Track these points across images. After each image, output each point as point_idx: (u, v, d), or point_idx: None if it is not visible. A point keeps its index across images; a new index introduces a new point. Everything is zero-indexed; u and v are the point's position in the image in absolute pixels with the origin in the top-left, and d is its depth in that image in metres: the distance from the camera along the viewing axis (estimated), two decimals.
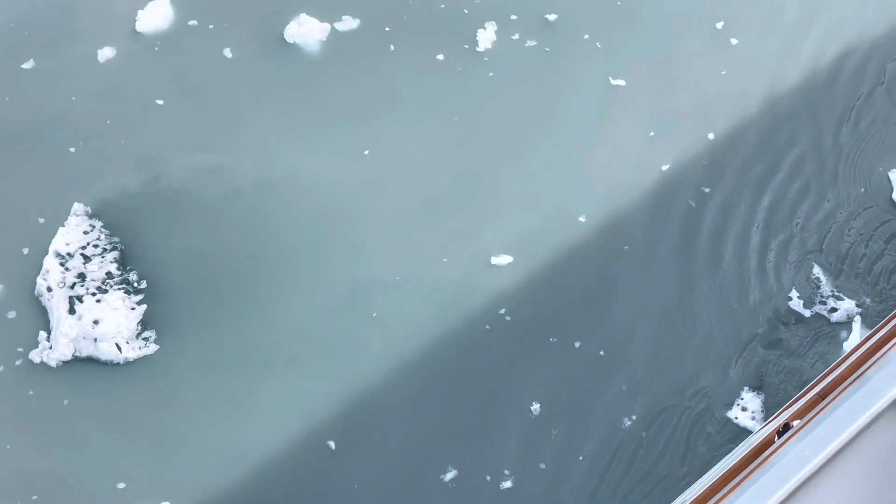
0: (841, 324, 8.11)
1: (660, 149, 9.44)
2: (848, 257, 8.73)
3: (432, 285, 8.79)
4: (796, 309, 8.29)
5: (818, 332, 8.12)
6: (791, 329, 8.18)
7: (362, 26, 10.84)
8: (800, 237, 8.82)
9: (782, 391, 7.88)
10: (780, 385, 7.94)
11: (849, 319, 8.11)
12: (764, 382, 8.03)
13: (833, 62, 10.33)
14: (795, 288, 8.46)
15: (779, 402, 7.80)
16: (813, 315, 8.25)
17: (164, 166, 9.75)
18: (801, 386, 7.72)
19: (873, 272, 8.57)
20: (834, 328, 8.12)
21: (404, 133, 9.70)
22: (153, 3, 11.23)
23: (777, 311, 8.31)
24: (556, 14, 10.66)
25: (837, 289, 8.44)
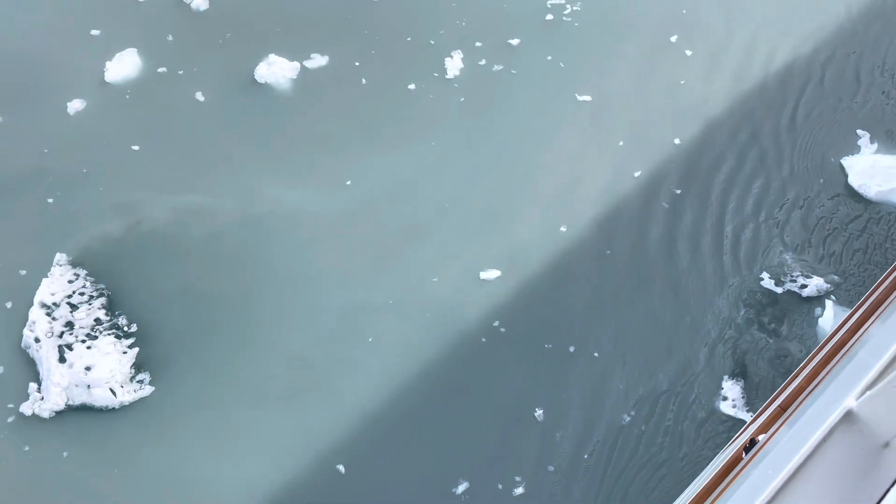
0: (813, 298, 8.62)
1: (630, 157, 9.98)
2: (811, 240, 9.32)
3: (425, 305, 9.02)
4: (768, 287, 8.78)
5: (792, 308, 8.61)
6: (766, 309, 8.66)
7: (332, 63, 11.24)
8: (766, 225, 9.39)
9: (762, 372, 8.29)
10: (759, 364, 8.36)
11: (819, 294, 8.63)
12: (745, 367, 8.43)
13: (776, 64, 11.15)
14: (766, 271, 8.97)
15: (758, 382, 8.21)
16: (785, 292, 8.78)
17: (146, 210, 9.85)
18: (777, 363, 8.17)
19: (835, 252, 9.17)
20: (807, 304, 8.62)
21: (384, 161, 10.04)
22: (120, 53, 11.47)
23: (752, 293, 8.80)
24: (518, 39, 11.27)
25: (805, 268, 8.98)
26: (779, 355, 8.37)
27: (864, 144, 10.27)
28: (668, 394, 8.25)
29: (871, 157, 10.08)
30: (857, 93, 10.84)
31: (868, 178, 9.79)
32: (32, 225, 9.69)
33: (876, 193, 9.66)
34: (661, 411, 8.14)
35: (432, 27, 11.49)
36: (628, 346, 8.58)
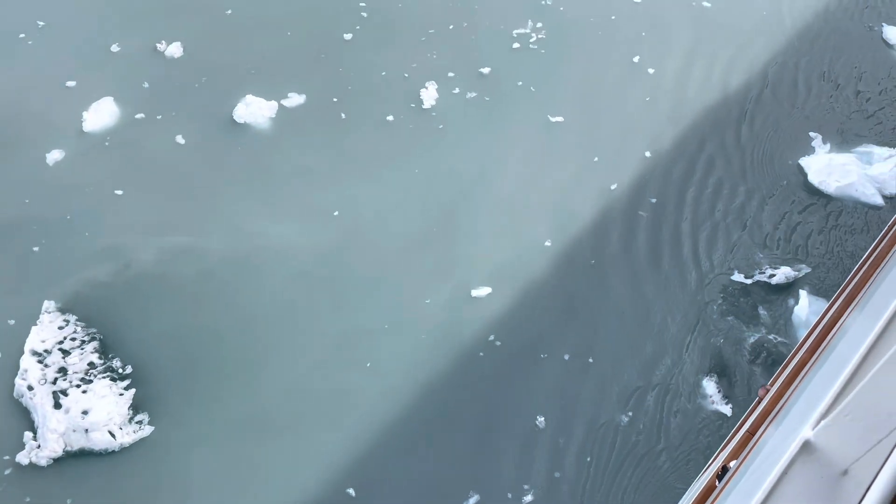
0: (783, 287, 9.15)
1: (606, 171, 10.49)
2: (778, 236, 9.89)
3: (420, 326, 9.24)
4: (739, 280, 9.33)
5: (763, 297, 9.11)
6: (739, 300, 9.15)
7: (309, 100, 11.62)
8: (735, 226, 9.93)
9: (742, 363, 8.70)
10: (738, 356, 8.76)
11: (787, 281, 9.22)
12: (724, 358, 8.83)
13: (730, 78, 11.93)
14: (737, 268, 9.50)
15: (737, 373, 8.59)
16: (754, 283, 9.34)
17: (133, 253, 9.95)
18: (750, 351, 8.58)
19: (801, 244, 9.78)
20: (777, 292, 9.14)
21: (369, 190, 10.36)
22: (97, 103, 11.66)
23: (725, 288, 9.32)
24: (488, 67, 11.83)
25: (773, 261, 9.56)
26: (758, 343, 8.81)
27: (818, 145, 10.98)
28: (659, 391, 8.57)
29: (826, 156, 10.78)
30: (807, 99, 11.62)
31: (826, 176, 10.45)
32: (18, 274, 9.69)
33: (835, 189, 10.31)
34: (656, 409, 8.44)
35: (405, 61, 11.99)
36: (620, 349, 8.91)
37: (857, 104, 11.67)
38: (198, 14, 12.92)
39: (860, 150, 10.91)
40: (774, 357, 8.68)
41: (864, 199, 10.28)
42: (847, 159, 10.67)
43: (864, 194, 10.30)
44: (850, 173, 10.42)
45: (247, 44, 12.45)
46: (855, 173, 10.43)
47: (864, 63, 12.29)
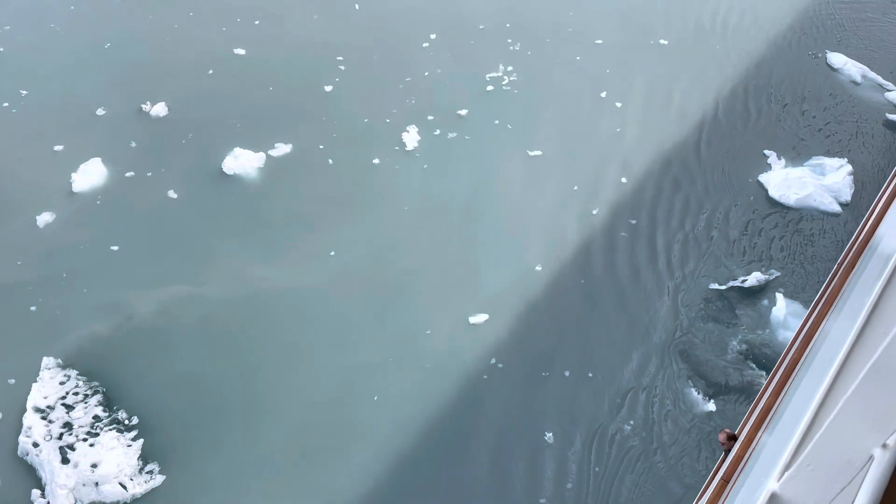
0: (756, 290, 9.84)
1: (586, 198, 11.07)
2: (747, 245, 10.53)
3: (423, 357, 9.50)
4: (714, 288, 10.01)
5: (738, 301, 9.82)
6: (715, 304, 9.81)
7: (296, 149, 12.06)
8: (707, 240, 10.55)
9: (726, 364, 9.16)
10: (722, 357, 9.23)
11: (759, 283, 9.89)
12: (707, 360, 9.27)
13: (688, 108, 12.77)
14: (713, 277, 10.09)
15: (724, 374, 9.02)
16: (728, 289, 10.00)
17: (133, 306, 10.06)
18: (731, 350, 9.06)
19: (770, 250, 10.50)
20: (752, 296, 9.85)
21: (362, 231, 10.73)
22: (85, 164, 11.91)
23: (703, 294, 9.85)
24: (465, 109, 12.47)
25: (745, 268, 10.27)
26: (738, 342, 9.34)
27: (774, 162, 11.79)
28: (650, 398, 8.92)
29: (782, 171, 11.58)
30: (758, 120, 12.52)
31: (785, 189, 11.21)
32: (16, 334, 9.71)
33: (795, 201, 11.06)
34: (649, 414, 8.78)
35: (385, 107, 12.57)
36: (617, 362, 9.28)
37: (804, 121, 12.60)
38: (180, 75, 13.39)
39: (813, 163, 11.74)
40: (755, 355, 9.18)
41: (823, 208, 11.03)
42: (802, 172, 11.46)
43: (822, 203, 11.05)
44: (807, 185, 11.19)
45: (230, 100, 12.92)
46: (811, 185, 11.20)
47: (808, 85, 13.31)
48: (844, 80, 13.42)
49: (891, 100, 12.96)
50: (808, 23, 14.60)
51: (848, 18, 14.84)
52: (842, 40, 14.26)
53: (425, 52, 13.70)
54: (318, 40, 14.05)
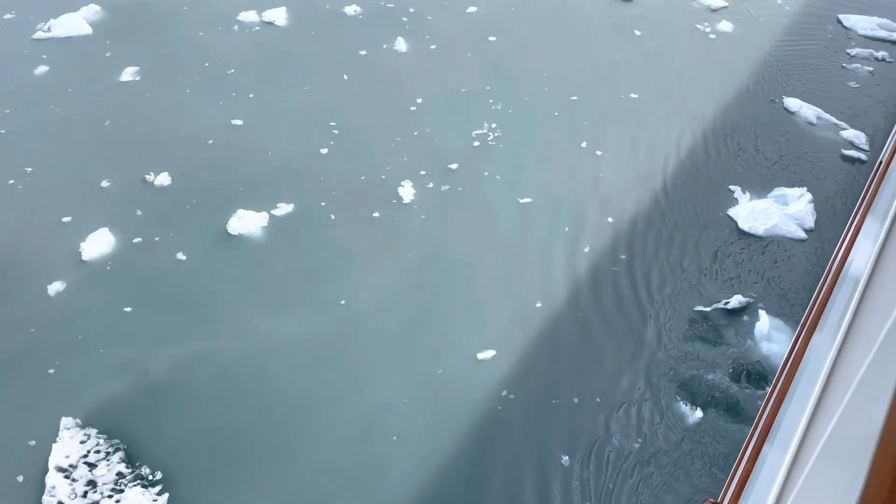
0: (738, 310, 10.77)
1: (577, 238, 11.83)
2: (727, 273, 11.30)
3: (437, 395, 9.91)
4: (699, 310, 10.84)
5: (723, 322, 10.67)
6: (702, 324, 10.65)
7: (298, 208, 12.69)
8: (689, 271, 11.32)
9: (720, 377, 9.77)
10: (713, 371, 9.83)
11: (741, 305, 10.77)
12: (700, 378, 9.87)
13: (653, 150, 13.78)
14: (698, 301, 10.85)
15: (717, 387, 9.59)
16: (713, 310, 10.81)
17: (149, 364, 10.35)
18: (719, 365, 9.68)
19: (749, 275, 11.34)
20: (734, 315, 10.78)
21: (368, 279, 11.29)
22: (93, 234, 12.35)
23: (690, 318, 10.59)
24: (456, 163, 13.32)
25: (726, 291, 11.14)
26: (724, 357, 10.04)
27: (739, 196, 12.79)
28: (661, 417, 9.41)
29: (748, 204, 12.57)
30: (717, 160, 13.60)
31: (753, 221, 12.16)
32: (34, 396, 9.90)
33: (764, 230, 12.02)
34: (663, 434, 9.25)
35: (380, 165, 13.36)
36: (621, 387, 9.79)
37: (765, 158, 13.74)
38: (181, 147, 14.08)
39: (775, 194, 12.77)
40: (740, 367, 9.92)
41: (790, 235, 11.98)
42: (767, 204, 12.46)
43: (788, 231, 12.02)
44: (773, 216, 12.15)
45: (231, 167, 13.59)
46: (776, 215, 12.17)
47: (767, 127, 14.53)
48: (801, 122, 14.66)
49: (845, 137, 14.17)
50: (764, 73, 16.00)
51: (798, 67, 16.32)
52: (796, 87, 15.63)
53: (413, 115, 14.64)
54: (310, 109, 14.94)
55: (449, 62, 16.23)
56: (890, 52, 17.02)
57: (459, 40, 16.94)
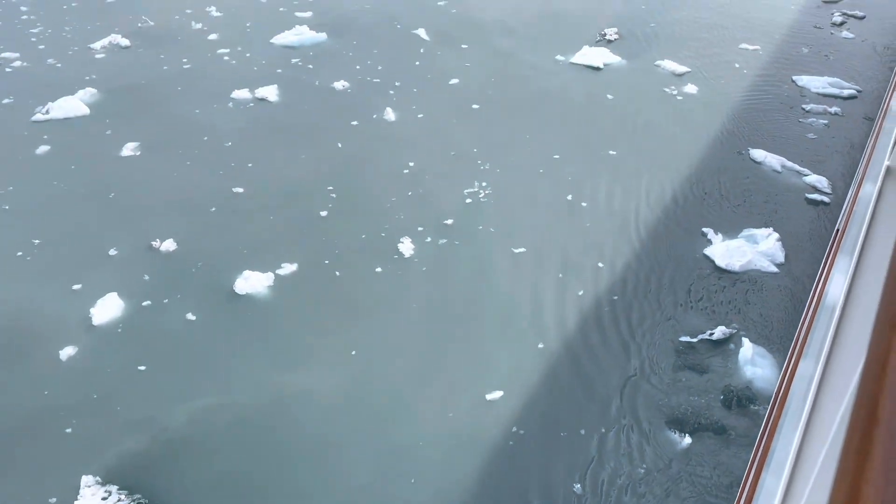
0: (722, 340, 11.65)
1: (571, 283, 12.63)
2: (711, 308, 12.14)
3: (451, 437, 10.38)
4: (686, 341, 11.68)
5: (708, 352, 11.51)
6: (690, 355, 11.44)
7: (302, 267, 13.34)
8: (676, 309, 12.13)
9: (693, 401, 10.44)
10: (707, 399, 10.49)
11: (724, 336, 11.64)
12: (695, 405, 10.51)
13: (624, 200, 14.83)
14: (685, 333, 11.70)
15: (712, 417, 10.24)
16: (699, 341, 11.68)
17: (165, 419, 10.69)
18: (708, 395, 10.34)
19: (732, 308, 12.21)
20: (719, 345, 11.64)
21: (376, 330, 11.89)
22: (102, 299, 12.82)
23: (677, 349, 11.34)
24: (451, 219, 14.19)
25: (711, 324, 11.99)
26: (712, 385, 10.69)
27: (712, 237, 13.82)
28: (660, 442, 9.98)
29: (722, 244, 13.61)
30: (685, 206, 14.68)
31: (729, 258, 13.15)
32: (54, 456, 10.13)
33: (739, 266, 13.02)
34: (664, 461, 9.80)
35: (378, 224, 14.16)
36: (621, 418, 10.37)
37: (735, 203, 14.88)
38: (185, 214, 14.77)
39: (745, 234, 13.86)
40: (727, 393, 10.61)
41: (764, 269, 12.98)
42: (739, 243, 13.51)
43: (762, 266, 13.03)
44: (746, 253, 13.18)
45: (235, 231, 14.28)
46: (749, 252, 13.20)
47: (736, 175, 15.76)
48: (767, 170, 15.93)
49: (808, 182, 15.42)
50: (730, 128, 17.42)
51: (760, 122, 17.81)
52: (759, 139, 17.03)
53: (406, 177, 15.60)
54: (308, 175, 15.83)
55: (437, 129, 17.37)
56: (842, 107, 18.63)
57: (445, 109, 18.18)
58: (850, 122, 17.94)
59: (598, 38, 21.75)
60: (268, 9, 24.67)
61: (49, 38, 22.83)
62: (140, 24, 23.63)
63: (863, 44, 21.97)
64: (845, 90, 19.13)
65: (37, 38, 22.80)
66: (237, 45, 22.00)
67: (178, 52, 21.63)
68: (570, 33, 22.31)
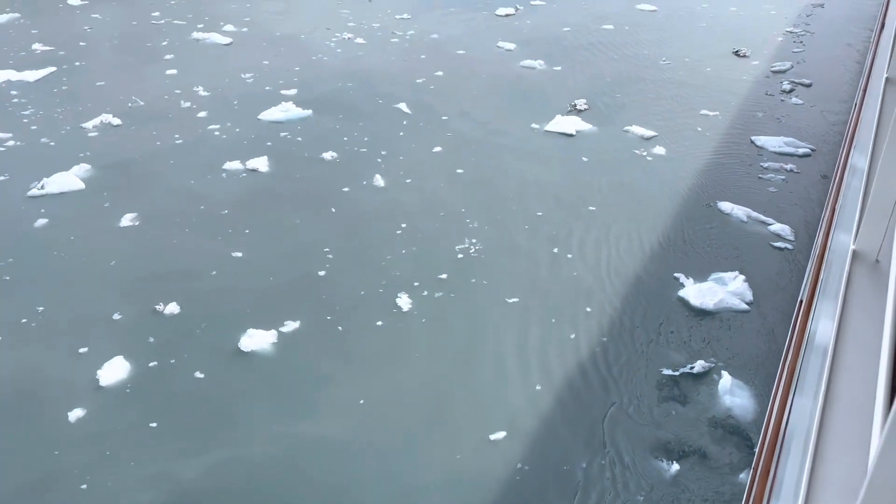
0: (703, 373, 12.57)
1: (564, 327, 13.47)
2: (690, 345, 13.01)
3: (461, 478, 10.88)
4: (669, 374, 12.60)
5: (689, 382, 12.41)
6: (675, 388, 12.31)
7: (305, 324, 13.96)
8: (656, 348, 12.99)
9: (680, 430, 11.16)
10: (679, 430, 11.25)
11: (704, 369, 12.57)
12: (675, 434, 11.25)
13: (605, 250, 15.91)
14: (667, 367, 12.59)
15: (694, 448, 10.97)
16: (680, 374, 12.57)
17: (179, 473, 11.02)
18: (692, 424, 11.10)
19: (708, 344, 13.15)
20: (700, 378, 12.53)
21: (382, 380, 12.51)
22: (108, 363, 13.19)
23: (659, 382, 12.19)
24: (445, 274, 15.04)
25: (691, 359, 12.88)
26: (698, 416, 11.50)
27: (684, 280, 14.86)
28: (655, 464, 10.62)
29: (695, 286, 14.66)
30: (659, 253, 15.78)
31: (703, 298, 14.21)
32: None
33: (713, 305, 14.06)
34: (662, 478, 10.42)
35: (376, 281, 14.93)
36: (620, 452, 11.02)
37: (704, 250, 16.06)
38: (186, 279, 15.37)
39: (714, 277, 15.00)
40: (707, 421, 11.45)
41: (735, 308, 14.07)
42: (710, 285, 14.64)
43: (733, 305, 14.12)
44: (717, 293, 14.26)
45: (236, 293, 14.90)
46: (720, 293, 14.29)
47: (705, 225, 17.01)
48: (734, 221, 17.23)
49: (773, 231, 16.72)
50: (698, 183, 18.84)
51: (725, 178, 19.31)
52: (725, 193, 18.46)
53: (399, 237, 16.50)
54: (304, 238, 16.64)
55: (425, 192, 18.45)
56: (797, 165, 20.27)
57: (431, 174, 19.34)
58: (805, 178, 19.50)
59: (569, 108, 23.41)
60: (253, 88, 25.99)
61: (41, 118, 23.68)
62: (130, 104, 24.68)
63: (811, 108, 23.99)
64: (800, 149, 20.85)
65: (28, 119, 23.64)
66: (226, 121, 23.10)
67: (170, 129, 22.63)
68: (542, 105, 23.97)
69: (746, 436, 11.29)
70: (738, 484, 10.63)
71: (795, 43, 30.77)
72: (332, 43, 31.04)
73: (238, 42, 31.31)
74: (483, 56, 29.12)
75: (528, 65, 27.85)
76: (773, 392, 10.53)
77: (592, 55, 29.32)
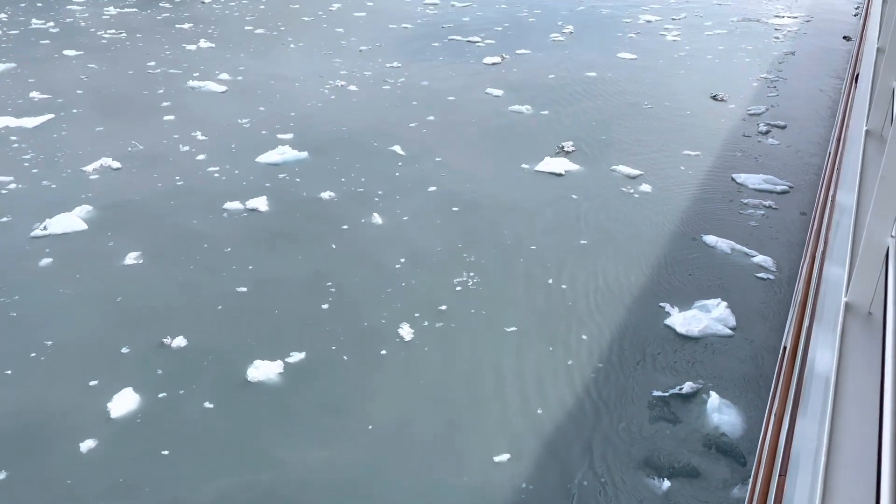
0: (692, 394, 13.13)
1: (561, 354, 14.06)
2: (678, 369, 13.64)
3: (470, 496, 11.28)
4: (658, 395, 13.17)
5: (679, 403, 12.96)
6: (666, 408, 12.89)
7: (310, 355, 14.43)
8: (647, 373, 13.60)
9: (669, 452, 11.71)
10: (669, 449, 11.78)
11: (693, 390, 13.16)
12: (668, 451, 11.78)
13: (598, 281, 16.62)
14: (657, 388, 13.20)
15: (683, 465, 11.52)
16: (670, 396, 13.16)
17: (193, 499, 11.32)
18: (682, 442, 11.68)
19: (695, 367, 13.76)
20: (689, 399, 13.08)
21: (389, 406, 12.96)
22: (118, 395, 13.54)
23: (650, 403, 12.81)
24: (444, 305, 15.64)
25: (680, 381, 13.50)
26: (688, 434, 12.11)
27: (669, 309, 15.57)
28: (647, 481, 11.12)
29: (680, 314, 15.37)
30: (640, 283, 16.50)
31: (688, 326, 14.91)
32: None
33: (699, 331, 14.76)
34: (653, 493, 10.91)
35: (378, 313, 15.48)
36: (611, 470, 11.52)
37: (687, 280, 16.81)
38: (193, 314, 15.82)
39: (697, 305, 15.70)
40: (696, 439, 12.06)
41: (720, 333, 14.76)
42: (694, 312, 15.34)
43: (718, 330, 14.81)
44: (701, 320, 14.97)
45: (242, 326, 15.36)
46: (704, 319, 15.00)
47: (689, 256, 17.82)
48: (719, 253, 18.07)
49: (755, 262, 17.56)
50: (683, 218, 19.74)
51: (708, 213, 20.23)
52: (709, 227, 19.34)
53: (399, 271, 17.12)
54: (306, 273, 17.20)
55: (422, 229, 19.16)
56: (776, 201, 21.28)
57: (427, 212, 20.09)
58: (785, 214, 20.49)
59: (558, 149, 24.45)
60: (250, 132, 26.83)
61: (41, 162, 24.27)
62: (130, 148, 25.37)
63: (787, 149, 25.22)
64: (778, 186, 21.91)
65: (29, 162, 24.21)
66: (225, 164, 23.83)
67: (170, 171, 23.29)
68: (531, 147, 24.98)
69: (737, 451, 11.83)
70: (729, 499, 11.12)
71: (769, 88, 32.33)
72: (325, 90, 32.12)
73: (233, 90, 32.30)
74: (473, 102, 30.30)
75: (517, 109, 29.02)
76: (767, 412, 11.16)
77: (577, 100, 30.61)
